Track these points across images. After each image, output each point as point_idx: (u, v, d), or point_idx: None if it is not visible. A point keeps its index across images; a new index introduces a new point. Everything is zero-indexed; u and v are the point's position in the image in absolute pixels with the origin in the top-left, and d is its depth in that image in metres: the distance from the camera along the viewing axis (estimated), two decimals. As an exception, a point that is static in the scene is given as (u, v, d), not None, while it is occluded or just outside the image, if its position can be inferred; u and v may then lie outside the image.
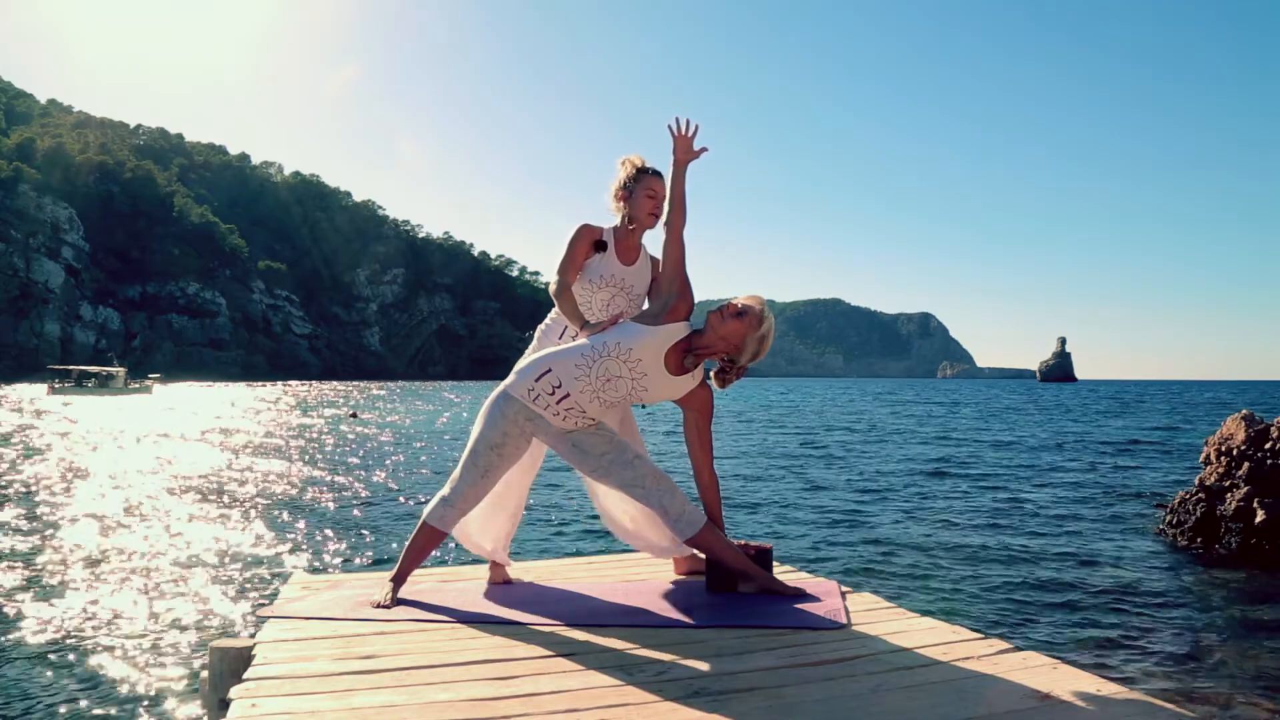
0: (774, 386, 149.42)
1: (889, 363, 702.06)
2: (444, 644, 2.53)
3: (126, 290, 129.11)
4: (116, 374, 64.10)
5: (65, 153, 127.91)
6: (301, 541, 9.36)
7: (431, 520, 2.96)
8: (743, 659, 2.36)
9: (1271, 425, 9.00)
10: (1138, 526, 10.54)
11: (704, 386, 3.02)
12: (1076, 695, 2.08)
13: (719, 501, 3.10)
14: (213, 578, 7.54)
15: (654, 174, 3.21)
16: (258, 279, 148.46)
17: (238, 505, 11.70)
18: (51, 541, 8.92)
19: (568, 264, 3.16)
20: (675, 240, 2.98)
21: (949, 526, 10.61)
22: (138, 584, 7.23)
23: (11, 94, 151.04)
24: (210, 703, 2.68)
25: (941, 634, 2.60)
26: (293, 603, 3.03)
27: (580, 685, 2.16)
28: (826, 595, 3.00)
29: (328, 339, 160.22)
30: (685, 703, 2.04)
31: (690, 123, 2.98)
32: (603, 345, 2.86)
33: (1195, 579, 7.94)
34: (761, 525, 10.68)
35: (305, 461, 17.98)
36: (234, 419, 32.96)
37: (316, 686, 2.17)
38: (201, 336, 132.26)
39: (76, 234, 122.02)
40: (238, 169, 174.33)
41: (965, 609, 6.79)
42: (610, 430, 3.03)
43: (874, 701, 2.05)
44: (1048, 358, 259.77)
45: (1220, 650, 5.86)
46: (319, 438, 24.68)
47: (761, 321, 2.85)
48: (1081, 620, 6.54)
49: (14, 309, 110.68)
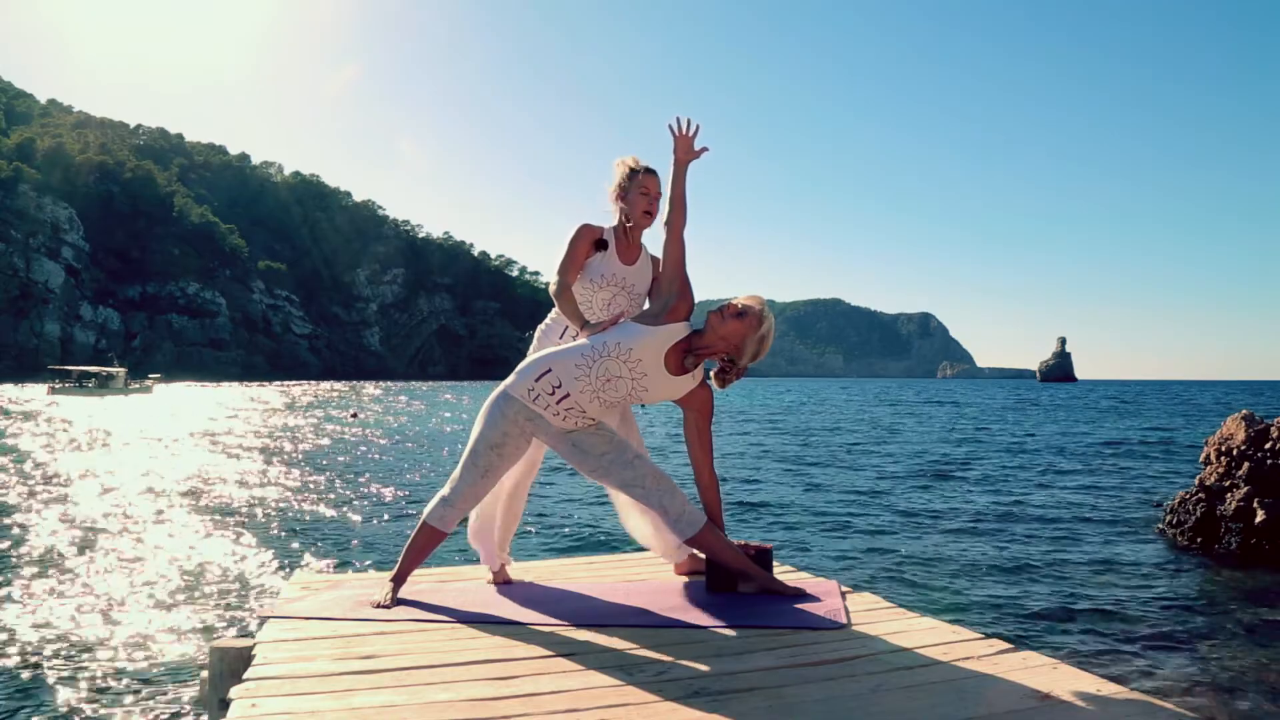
0: (774, 386, 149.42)
1: (889, 363, 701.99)
2: (444, 644, 2.53)
3: (126, 290, 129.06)
4: (116, 374, 64.06)
5: (65, 153, 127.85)
6: (301, 541, 9.36)
7: (431, 520, 2.96)
8: (743, 659, 2.36)
9: (1271, 425, 9.00)
10: (1138, 526, 10.54)
11: (704, 386, 3.01)
12: (1076, 695, 2.08)
13: (719, 501, 3.10)
14: (213, 578, 7.54)
15: (648, 172, 3.20)
16: (258, 279, 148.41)
17: (237, 505, 11.70)
18: (51, 542, 8.92)
19: (568, 264, 3.15)
20: (675, 240, 2.98)
21: (949, 526, 10.61)
22: (138, 584, 7.23)
23: (11, 94, 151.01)
24: (210, 703, 2.68)
25: (941, 634, 2.60)
26: (293, 603, 3.03)
27: (580, 685, 2.17)
28: (826, 595, 3.01)
29: (328, 339, 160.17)
30: (685, 703, 2.04)
31: (691, 122, 2.97)
32: (603, 345, 2.86)
33: (1195, 579, 7.94)
34: (761, 525, 10.68)
35: (305, 462, 17.98)
36: (233, 419, 32.96)
37: (316, 686, 2.17)
38: (201, 336, 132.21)
39: (76, 234, 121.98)
40: (238, 169, 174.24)
41: (965, 609, 6.79)
42: (610, 430, 3.03)
43: (874, 701, 2.06)
44: (1048, 358, 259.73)
45: (1220, 650, 5.86)
46: (319, 438, 24.68)
47: (761, 322, 2.85)
48: (1081, 620, 6.54)
49: (14, 309, 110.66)
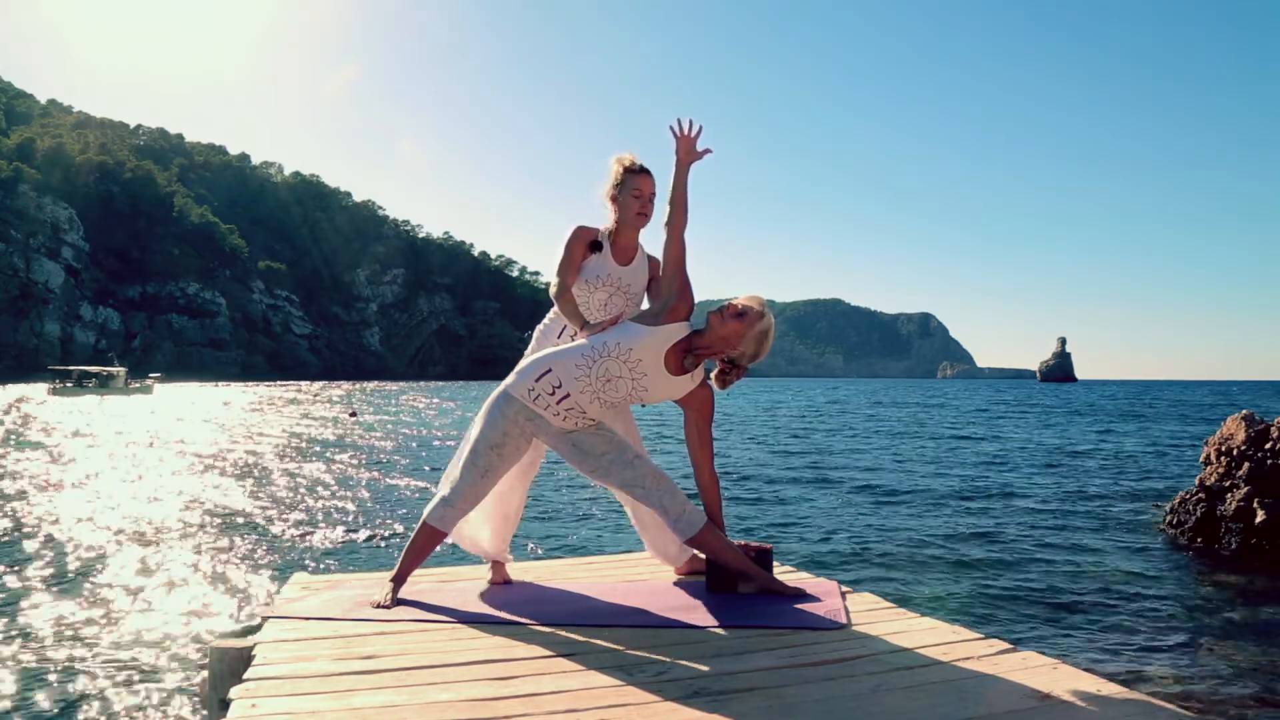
0: (774, 386, 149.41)
1: (889, 363, 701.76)
2: (444, 644, 2.53)
3: (126, 290, 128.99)
4: (117, 374, 64.02)
5: (65, 153, 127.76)
6: (301, 541, 9.36)
7: (431, 520, 2.96)
8: (743, 659, 2.36)
9: (1271, 425, 9.00)
10: (1138, 526, 10.54)
11: (704, 386, 3.01)
12: (1076, 695, 2.08)
13: (719, 501, 3.09)
14: (212, 578, 7.54)
15: (642, 173, 3.17)
16: (258, 279, 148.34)
17: (237, 505, 11.70)
18: (51, 542, 8.92)
19: (566, 266, 3.14)
20: (676, 240, 2.97)
21: (949, 526, 10.61)
22: (138, 584, 7.23)
23: (11, 94, 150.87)
24: (210, 703, 2.68)
25: (941, 634, 2.60)
26: (293, 603, 3.03)
27: (580, 685, 2.16)
28: (826, 595, 3.00)
29: (328, 339, 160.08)
30: (685, 703, 2.04)
31: (693, 123, 2.97)
32: (603, 345, 2.85)
33: (1195, 579, 7.94)
34: (761, 525, 10.68)
35: (305, 461, 17.98)
36: (233, 419, 32.96)
37: (316, 686, 2.17)
38: (201, 336, 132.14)
39: (76, 234, 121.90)
40: (238, 169, 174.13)
41: (965, 609, 6.80)
42: (610, 430, 3.03)
43: (874, 701, 2.05)
44: (1048, 358, 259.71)
45: (1220, 650, 5.86)
46: (318, 438, 24.68)
47: (761, 322, 2.86)
48: (1081, 620, 6.54)
49: (14, 309, 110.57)
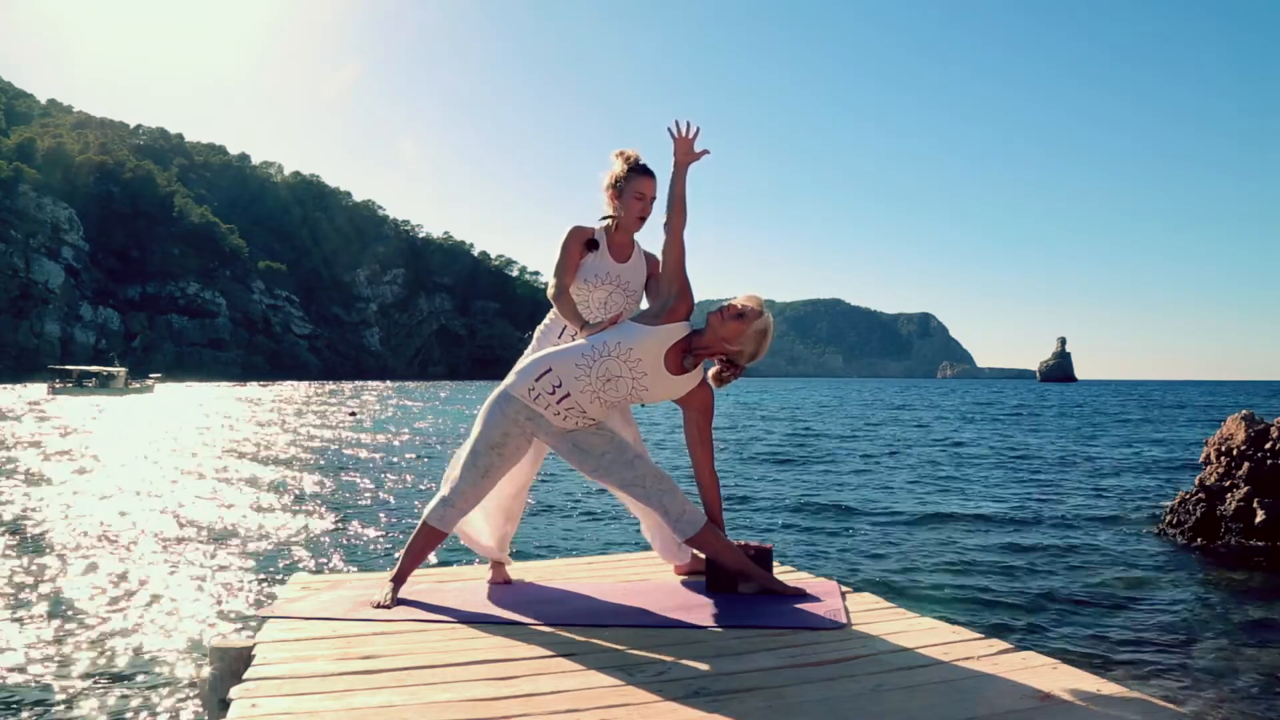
0: (773, 387, 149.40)
1: (889, 363, 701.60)
2: (444, 644, 2.53)
3: (126, 290, 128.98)
4: (117, 374, 64.02)
5: (65, 153, 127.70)
6: (301, 541, 9.36)
7: (431, 520, 2.96)
8: (743, 659, 2.36)
9: (1271, 425, 9.00)
10: (1138, 526, 10.54)
11: (704, 386, 3.01)
12: (1076, 695, 2.08)
13: (719, 501, 3.09)
14: (212, 578, 7.54)
15: (645, 174, 3.14)
16: (258, 279, 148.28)
17: (237, 506, 11.70)
18: (51, 542, 8.92)
19: (563, 267, 3.14)
20: (675, 241, 2.97)
21: (949, 526, 10.61)
22: (138, 584, 7.23)
23: (11, 94, 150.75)
24: (210, 703, 2.67)
25: (941, 634, 2.60)
26: (293, 603, 3.03)
27: (580, 685, 2.16)
28: (826, 595, 3.00)
29: (328, 339, 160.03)
30: (685, 703, 2.04)
31: (691, 125, 2.97)
32: (603, 345, 2.86)
33: (1195, 579, 7.94)
34: (761, 525, 10.68)
35: (305, 461, 17.98)
36: (233, 419, 32.96)
37: (316, 687, 2.17)
38: (201, 336, 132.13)
39: (76, 234, 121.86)
40: (238, 169, 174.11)
41: (965, 609, 6.80)
42: (610, 430, 3.03)
43: (874, 701, 2.05)
44: (1048, 358, 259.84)
45: (1220, 650, 5.86)
46: (318, 438, 24.68)
47: (760, 322, 2.85)
48: (1081, 620, 6.54)
49: (14, 309, 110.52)
